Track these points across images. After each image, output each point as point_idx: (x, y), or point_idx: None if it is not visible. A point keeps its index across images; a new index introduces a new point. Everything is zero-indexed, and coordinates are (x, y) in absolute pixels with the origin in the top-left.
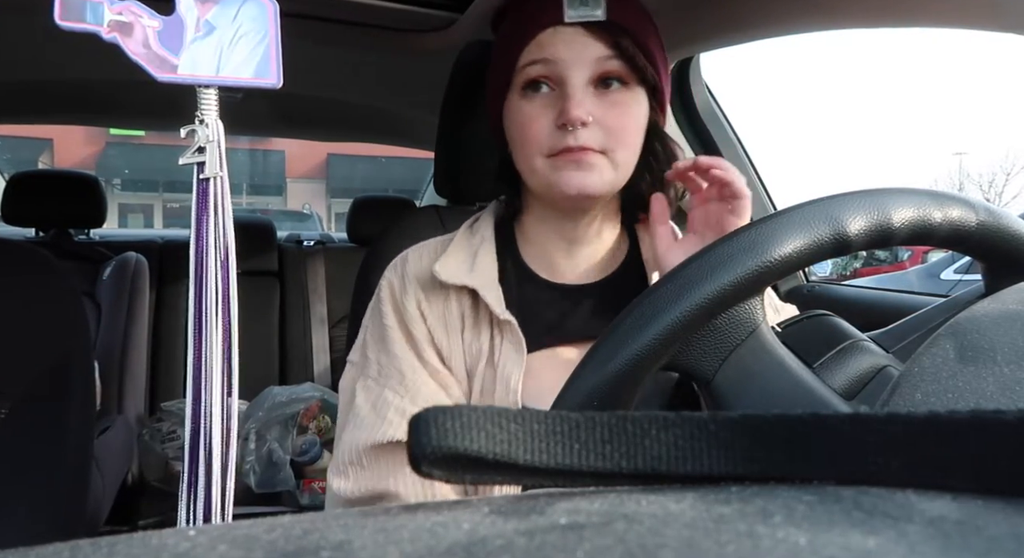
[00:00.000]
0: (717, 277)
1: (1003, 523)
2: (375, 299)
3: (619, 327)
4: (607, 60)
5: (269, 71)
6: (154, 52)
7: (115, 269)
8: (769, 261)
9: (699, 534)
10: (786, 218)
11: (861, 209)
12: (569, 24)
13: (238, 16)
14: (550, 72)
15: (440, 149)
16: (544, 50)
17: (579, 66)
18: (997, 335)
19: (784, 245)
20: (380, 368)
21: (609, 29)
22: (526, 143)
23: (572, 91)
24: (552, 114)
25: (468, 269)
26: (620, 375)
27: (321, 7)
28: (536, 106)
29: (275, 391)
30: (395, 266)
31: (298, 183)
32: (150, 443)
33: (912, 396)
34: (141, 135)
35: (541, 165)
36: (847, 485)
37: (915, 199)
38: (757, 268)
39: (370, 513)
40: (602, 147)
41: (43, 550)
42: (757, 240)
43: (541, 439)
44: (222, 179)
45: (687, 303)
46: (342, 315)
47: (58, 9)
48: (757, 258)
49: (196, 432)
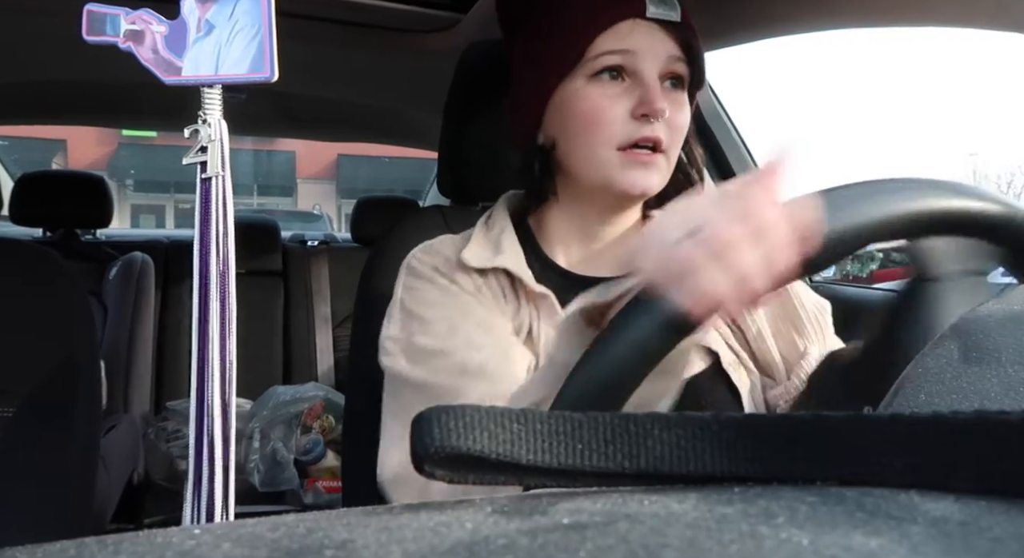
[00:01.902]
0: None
1: (1006, 524)
2: (409, 277)
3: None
4: (676, 61)
5: (263, 65)
6: (161, 56)
7: (121, 269)
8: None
9: (701, 534)
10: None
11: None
12: (647, 19)
13: (234, 12)
14: (626, 62)
15: (443, 149)
16: (623, 41)
17: (655, 61)
18: (1001, 336)
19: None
20: (451, 323)
21: (682, 31)
22: (595, 130)
23: (652, 82)
24: (627, 104)
25: (493, 253)
26: (620, 366)
27: (325, 8)
28: (609, 94)
29: (279, 391)
30: (422, 251)
31: (308, 184)
32: (155, 442)
33: (916, 397)
34: (153, 136)
35: (609, 157)
36: (850, 486)
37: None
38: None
39: (373, 512)
40: (665, 144)
41: (50, 547)
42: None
43: (544, 439)
44: (224, 179)
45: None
46: (346, 315)
47: (85, 26)
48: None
49: (200, 431)
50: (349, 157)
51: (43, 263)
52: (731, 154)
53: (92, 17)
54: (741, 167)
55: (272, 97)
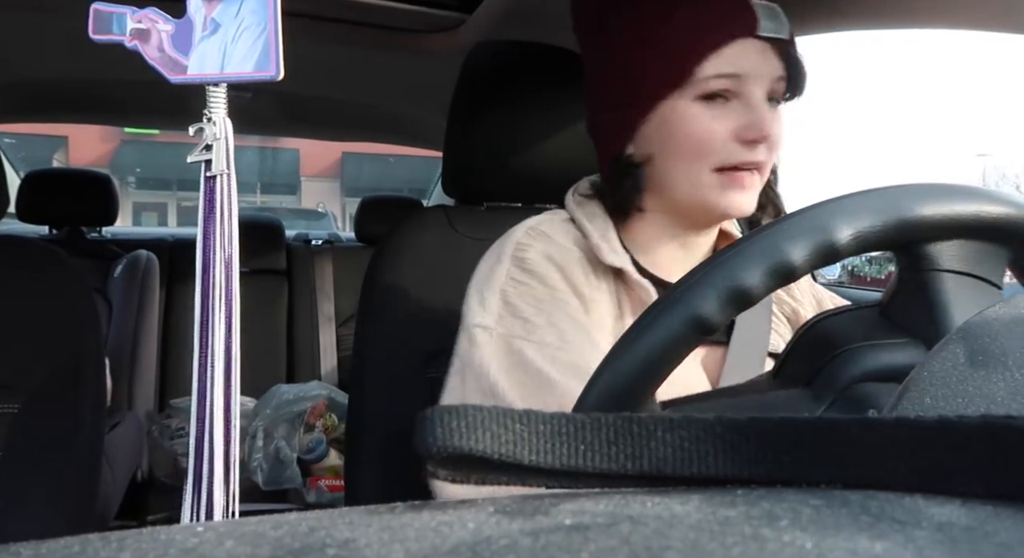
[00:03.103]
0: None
1: (1013, 529)
2: (516, 268)
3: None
4: (779, 80)
5: (269, 63)
6: (167, 55)
7: (126, 267)
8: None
9: (704, 536)
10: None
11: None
12: (757, 37)
13: (240, 11)
14: (734, 86)
15: (448, 149)
16: (734, 63)
17: (761, 82)
18: (1009, 339)
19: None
20: (562, 335)
21: (788, 47)
22: (697, 152)
23: (760, 106)
24: (730, 125)
25: (609, 251)
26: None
27: (330, 7)
28: (716, 116)
29: (282, 389)
30: (539, 235)
31: (313, 182)
32: (159, 439)
33: (921, 400)
34: (155, 133)
35: (707, 179)
36: (855, 489)
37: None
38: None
39: (375, 511)
40: (764, 165)
41: (54, 544)
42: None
43: (546, 440)
44: (229, 177)
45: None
46: (350, 314)
47: (92, 25)
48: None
49: (200, 429)
50: (353, 155)
51: (49, 260)
52: None
53: (98, 16)
54: None
55: (277, 96)
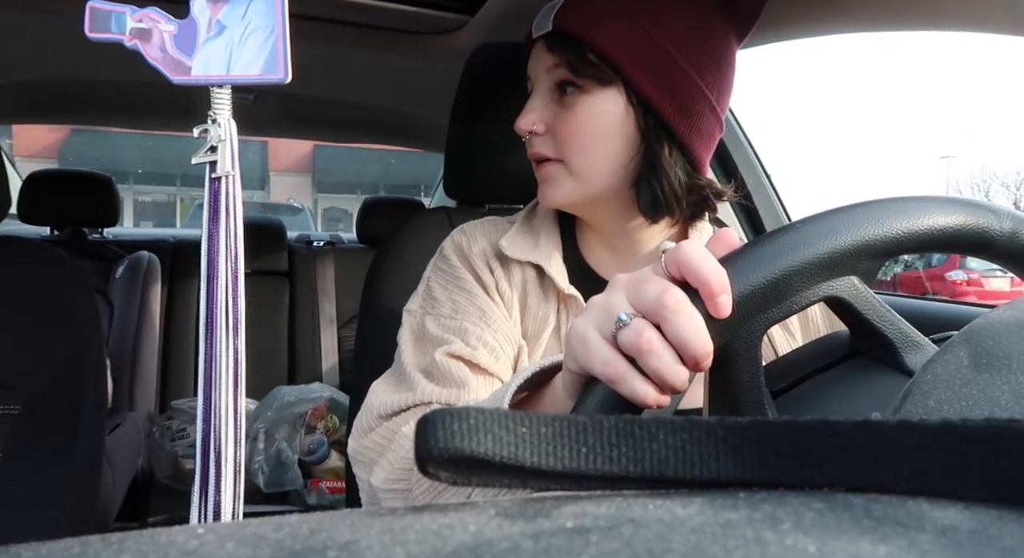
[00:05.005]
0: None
1: (1017, 533)
2: (439, 258)
3: None
4: (555, 69)
5: (277, 66)
6: (170, 55)
7: (128, 268)
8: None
9: (706, 539)
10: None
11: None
12: (537, 38)
13: (247, 13)
14: (531, 86)
15: (451, 151)
16: (530, 68)
17: (541, 78)
18: (1012, 343)
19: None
20: (455, 306)
21: (557, 38)
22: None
23: (529, 103)
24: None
25: (533, 246)
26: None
27: (333, 9)
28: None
29: (284, 391)
30: (460, 232)
31: (282, 176)
32: (160, 441)
33: (925, 403)
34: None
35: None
36: (858, 493)
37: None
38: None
39: (376, 513)
40: (557, 155)
41: (54, 546)
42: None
43: (548, 442)
44: (234, 178)
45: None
46: (351, 315)
47: (88, 22)
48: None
49: (207, 432)
50: (326, 148)
51: (50, 261)
52: (739, 159)
53: (95, 13)
54: (750, 176)
55: (279, 97)
